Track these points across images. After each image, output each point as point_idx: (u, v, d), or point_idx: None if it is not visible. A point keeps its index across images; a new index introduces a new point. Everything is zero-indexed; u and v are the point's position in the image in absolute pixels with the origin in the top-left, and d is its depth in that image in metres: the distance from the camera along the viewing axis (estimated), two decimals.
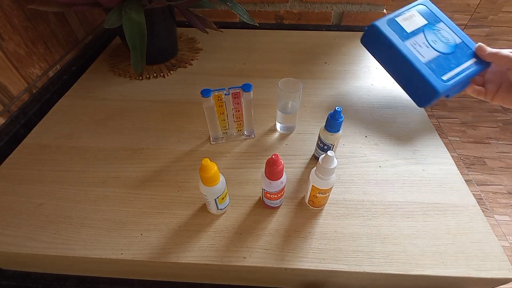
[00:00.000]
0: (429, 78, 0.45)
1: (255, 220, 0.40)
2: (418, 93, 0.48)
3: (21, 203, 0.42)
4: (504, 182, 1.43)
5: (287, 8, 0.83)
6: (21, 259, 0.39)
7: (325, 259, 0.36)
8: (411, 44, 0.48)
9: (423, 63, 0.46)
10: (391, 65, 0.51)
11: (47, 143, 0.50)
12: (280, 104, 0.49)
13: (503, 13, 1.50)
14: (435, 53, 0.48)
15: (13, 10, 0.53)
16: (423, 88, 0.46)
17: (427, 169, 0.47)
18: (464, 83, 0.47)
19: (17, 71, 0.55)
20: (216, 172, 0.34)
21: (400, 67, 0.48)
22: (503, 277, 0.35)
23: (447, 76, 0.46)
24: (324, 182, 0.36)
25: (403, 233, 0.39)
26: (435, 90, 0.44)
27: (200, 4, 0.64)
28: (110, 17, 0.50)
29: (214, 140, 0.50)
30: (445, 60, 0.47)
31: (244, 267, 0.36)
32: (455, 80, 0.45)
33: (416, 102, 0.49)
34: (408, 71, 0.47)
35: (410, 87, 0.49)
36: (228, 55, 0.73)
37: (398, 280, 0.37)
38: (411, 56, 0.46)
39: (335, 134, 0.42)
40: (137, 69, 0.54)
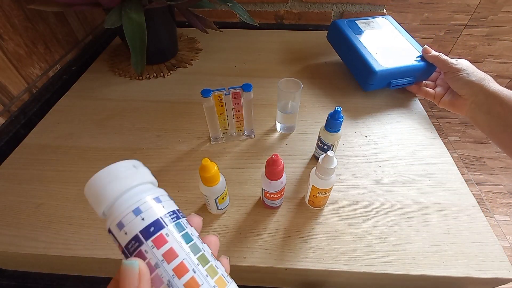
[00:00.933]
0: (370, 61, 0.55)
1: (255, 220, 0.40)
2: (362, 76, 0.58)
3: (21, 203, 0.42)
4: (504, 182, 1.43)
5: (287, 8, 0.83)
6: (21, 259, 0.39)
7: (325, 259, 0.36)
8: (363, 38, 0.60)
9: (368, 51, 0.57)
10: (345, 54, 0.63)
11: (47, 143, 0.50)
12: (280, 104, 0.49)
13: (503, 13, 1.50)
14: (383, 47, 0.59)
15: (13, 10, 0.53)
16: (365, 70, 0.56)
17: (427, 169, 0.47)
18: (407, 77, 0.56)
19: (17, 71, 0.55)
20: (216, 172, 0.34)
21: (352, 55, 0.59)
22: (503, 277, 0.35)
23: (387, 64, 0.55)
24: (324, 182, 0.36)
25: (403, 233, 0.39)
26: (372, 70, 0.54)
27: (200, 4, 0.64)
28: (110, 17, 0.50)
29: (214, 140, 0.50)
30: (391, 53, 0.57)
31: (244, 267, 0.36)
32: (394, 67, 0.55)
33: (361, 84, 0.60)
34: (356, 57, 0.58)
35: (357, 72, 0.60)
36: (228, 55, 0.73)
37: (398, 280, 0.37)
38: (359, 45, 0.58)
39: (335, 134, 0.42)
40: (137, 69, 0.54)
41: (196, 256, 0.18)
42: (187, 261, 0.18)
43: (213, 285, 0.18)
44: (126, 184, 0.19)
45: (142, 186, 0.20)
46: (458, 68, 0.50)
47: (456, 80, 0.50)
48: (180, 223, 0.19)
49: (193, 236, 0.19)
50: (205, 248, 0.20)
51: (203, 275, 0.18)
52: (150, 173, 0.21)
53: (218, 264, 0.19)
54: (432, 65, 0.55)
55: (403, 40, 0.62)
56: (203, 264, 0.18)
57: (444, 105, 0.53)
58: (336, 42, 0.66)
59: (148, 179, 0.21)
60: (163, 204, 0.19)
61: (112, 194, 0.19)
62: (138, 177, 0.20)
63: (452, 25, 1.56)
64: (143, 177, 0.20)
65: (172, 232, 0.18)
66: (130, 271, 0.17)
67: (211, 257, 0.19)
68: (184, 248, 0.18)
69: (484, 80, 0.47)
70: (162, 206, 0.19)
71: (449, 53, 1.68)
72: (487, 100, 0.46)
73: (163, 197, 0.20)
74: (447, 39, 1.62)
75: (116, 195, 0.19)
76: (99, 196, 0.19)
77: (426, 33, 1.60)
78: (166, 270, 0.17)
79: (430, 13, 1.51)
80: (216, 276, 0.18)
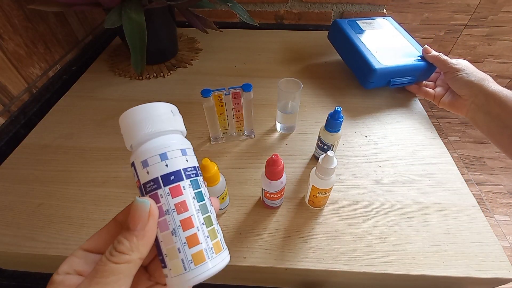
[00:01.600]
0: (370, 59, 0.56)
1: (255, 220, 0.40)
2: (362, 74, 0.58)
3: (21, 203, 0.42)
4: (504, 182, 1.43)
5: (287, 8, 0.83)
6: (21, 259, 0.39)
7: (325, 259, 0.36)
8: (364, 38, 0.60)
9: (369, 49, 0.57)
10: (346, 53, 0.64)
11: (47, 143, 0.50)
12: (280, 104, 0.49)
13: (503, 13, 1.50)
14: (383, 46, 0.59)
15: (13, 10, 0.53)
16: (365, 68, 0.56)
17: (427, 169, 0.47)
18: (407, 76, 0.56)
19: (17, 71, 0.55)
20: (216, 172, 0.34)
21: (352, 53, 0.59)
22: (503, 277, 0.35)
23: (387, 63, 0.55)
24: (324, 182, 0.36)
25: (403, 233, 0.39)
26: (372, 68, 0.54)
27: (200, 4, 0.64)
28: (110, 17, 0.50)
29: (214, 140, 0.50)
30: (391, 52, 0.58)
31: (244, 267, 0.36)
32: (394, 66, 0.55)
33: (361, 82, 0.60)
34: (356, 55, 0.58)
35: (358, 70, 0.60)
36: (228, 55, 0.73)
37: (398, 280, 0.37)
38: (359, 44, 0.58)
39: (335, 134, 0.42)
40: (137, 69, 0.54)
41: (203, 216, 0.19)
42: (195, 217, 0.19)
43: (210, 247, 0.19)
44: (161, 127, 0.19)
45: (174, 134, 0.20)
46: (458, 68, 0.50)
47: (456, 80, 0.50)
48: (197, 181, 0.20)
49: (205, 196, 0.20)
50: (212, 211, 0.20)
51: (204, 235, 0.19)
52: (182, 122, 0.22)
53: (219, 229, 0.20)
54: (432, 65, 0.55)
55: (403, 40, 0.62)
56: (207, 225, 0.19)
57: (444, 106, 0.53)
58: (337, 41, 0.66)
59: (181, 128, 0.21)
60: (187, 158, 0.20)
61: (146, 132, 0.19)
62: (173, 124, 0.20)
63: (452, 25, 1.56)
64: (177, 125, 0.21)
65: (189, 187, 0.19)
66: (142, 207, 0.17)
67: (215, 221, 0.20)
68: (195, 205, 0.19)
69: (483, 81, 0.47)
70: (186, 159, 0.20)
71: (449, 53, 1.68)
72: (487, 101, 0.46)
73: (189, 151, 0.21)
74: (447, 39, 1.62)
75: (149, 135, 0.19)
76: (133, 130, 0.19)
77: (426, 33, 1.60)
78: (174, 219, 0.18)
79: (430, 13, 1.51)
80: (215, 239, 0.19)
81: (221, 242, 0.20)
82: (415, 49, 0.59)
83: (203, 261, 0.18)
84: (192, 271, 0.18)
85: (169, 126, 0.20)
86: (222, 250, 0.20)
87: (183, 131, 0.22)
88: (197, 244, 0.18)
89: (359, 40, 0.59)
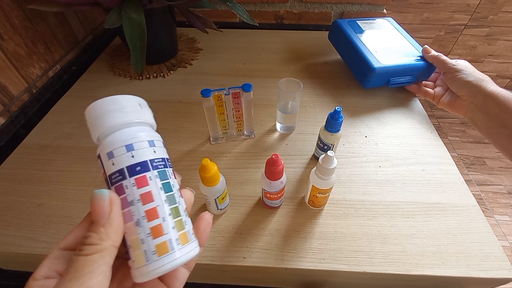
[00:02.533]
0: (369, 58, 0.56)
1: (255, 220, 0.40)
2: (362, 73, 0.58)
3: (21, 203, 0.42)
4: (504, 182, 1.43)
5: (287, 8, 0.83)
6: (21, 259, 0.39)
7: (325, 259, 0.36)
8: (364, 38, 0.61)
9: (368, 49, 0.58)
10: (346, 52, 0.64)
11: (47, 143, 0.50)
12: (280, 104, 0.49)
13: (503, 13, 1.50)
14: (383, 45, 0.59)
15: (13, 10, 0.53)
16: (364, 67, 0.56)
17: (427, 169, 0.47)
18: (406, 75, 0.57)
19: (17, 71, 0.55)
20: (216, 172, 0.34)
21: (352, 53, 0.60)
22: (503, 277, 0.35)
23: (387, 62, 0.56)
24: (324, 182, 0.36)
25: (403, 233, 0.39)
26: (371, 67, 0.55)
27: (200, 4, 0.64)
28: (110, 17, 0.50)
29: (214, 140, 0.50)
30: (391, 52, 0.58)
31: (244, 267, 0.36)
32: (393, 65, 0.55)
33: (360, 81, 0.60)
34: (356, 54, 0.58)
35: (357, 69, 0.60)
36: (228, 55, 0.73)
37: (398, 280, 0.37)
38: (359, 43, 0.59)
39: (335, 134, 0.42)
40: (137, 69, 0.54)
41: (170, 206, 0.19)
42: (160, 208, 0.18)
43: (176, 238, 0.18)
44: (127, 118, 0.19)
45: (142, 126, 0.20)
46: (457, 68, 0.50)
47: (455, 81, 0.50)
48: (165, 172, 0.20)
49: (173, 187, 0.20)
50: (181, 202, 0.20)
51: (170, 226, 0.19)
52: (152, 115, 0.22)
53: (187, 221, 0.20)
54: (432, 65, 0.56)
55: (403, 40, 0.62)
56: (173, 216, 0.19)
57: (443, 106, 0.53)
58: (337, 41, 0.67)
59: (149, 121, 0.21)
60: (155, 149, 0.20)
61: (112, 124, 0.19)
62: (139, 116, 0.20)
63: (452, 25, 1.56)
64: (145, 117, 0.21)
65: (155, 178, 0.19)
66: (101, 197, 0.17)
67: (184, 213, 0.20)
68: (161, 196, 0.19)
69: (482, 81, 0.47)
70: (153, 151, 0.20)
71: (449, 53, 1.68)
72: (485, 101, 0.46)
73: (157, 142, 0.20)
74: (447, 39, 1.62)
75: (115, 126, 0.19)
76: (99, 121, 0.19)
77: (426, 33, 1.60)
78: (139, 210, 0.18)
79: (430, 13, 1.51)
80: (182, 231, 0.19)
81: (189, 233, 0.20)
82: (415, 49, 0.60)
83: (166, 252, 0.18)
84: (155, 262, 0.18)
85: (135, 117, 0.20)
86: (190, 241, 0.19)
87: (152, 124, 0.22)
88: (161, 235, 0.18)
89: (359, 39, 0.60)
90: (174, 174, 0.21)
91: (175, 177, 0.21)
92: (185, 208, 0.21)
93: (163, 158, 0.20)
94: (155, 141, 0.20)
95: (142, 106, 0.21)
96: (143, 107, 0.21)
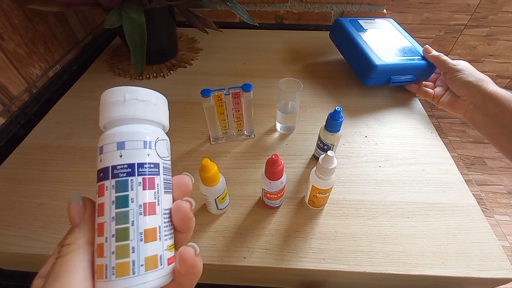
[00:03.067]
0: (370, 55, 0.56)
1: (255, 220, 0.40)
2: (363, 70, 0.58)
3: (21, 203, 0.42)
4: (504, 182, 1.43)
5: (287, 8, 0.83)
6: (21, 259, 0.39)
7: (325, 259, 0.36)
8: (365, 36, 0.61)
9: (370, 47, 0.58)
10: (347, 50, 0.64)
11: (47, 143, 0.50)
12: (280, 104, 0.49)
13: (503, 13, 1.50)
14: (385, 44, 0.60)
15: (13, 10, 0.53)
16: (366, 64, 0.56)
17: (427, 169, 0.47)
18: (407, 74, 0.57)
19: (17, 71, 0.55)
20: (216, 172, 0.34)
21: (353, 50, 0.60)
22: (503, 277, 0.35)
23: (388, 60, 0.56)
24: (324, 182, 0.36)
25: (403, 233, 0.39)
26: (373, 64, 0.55)
27: (200, 4, 0.64)
28: (110, 17, 0.50)
29: (214, 140, 0.50)
30: (392, 50, 0.58)
31: (244, 267, 0.36)
32: (394, 63, 0.56)
33: (361, 79, 0.60)
34: (357, 52, 0.59)
35: (358, 66, 0.60)
36: (228, 55, 0.73)
37: (398, 280, 0.37)
38: (361, 41, 0.59)
39: (335, 134, 0.42)
40: (137, 69, 0.54)
41: (116, 226, 0.16)
42: (107, 226, 0.16)
43: (112, 266, 0.16)
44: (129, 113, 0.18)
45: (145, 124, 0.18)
46: (457, 68, 0.50)
47: (455, 81, 0.50)
48: (126, 182, 0.17)
49: (132, 202, 0.16)
50: (140, 223, 0.16)
51: (110, 250, 0.16)
52: (166, 115, 0.20)
53: (140, 248, 0.16)
54: (432, 65, 0.56)
55: (404, 40, 0.62)
56: (118, 239, 0.16)
57: (443, 106, 0.53)
58: (338, 39, 0.67)
59: (160, 120, 0.19)
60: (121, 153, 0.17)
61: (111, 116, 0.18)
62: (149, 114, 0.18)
63: (452, 25, 1.56)
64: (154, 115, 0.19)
65: (111, 188, 0.17)
66: (75, 203, 0.18)
67: (137, 236, 0.16)
68: (111, 212, 0.16)
69: (482, 81, 0.47)
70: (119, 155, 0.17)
71: (449, 53, 1.68)
72: (485, 101, 0.46)
73: (128, 143, 0.17)
74: (447, 39, 1.62)
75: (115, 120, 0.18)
76: (103, 111, 0.18)
77: (426, 33, 1.60)
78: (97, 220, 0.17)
79: (430, 13, 1.51)
80: (122, 259, 0.16)
81: (134, 265, 0.16)
82: (415, 49, 0.60)
83: (100, 278, 0.16)
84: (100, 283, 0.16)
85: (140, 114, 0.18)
86: (130, 275, 0.16)
87: (164, 125, 0.20)
88: (101, 257, 0.16)
89: (360, 38, 0.60)
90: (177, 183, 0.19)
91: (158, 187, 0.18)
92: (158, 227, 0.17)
93: (130, 164, 0.17)
94: (125, 142, 0.17)
95: (158, 103, 0.19)
96: (158, 104, 0.19)
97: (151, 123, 0.19)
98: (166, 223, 0.18)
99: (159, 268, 0.17)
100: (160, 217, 0.18)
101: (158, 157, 0.18)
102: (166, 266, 0.17)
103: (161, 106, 0.19)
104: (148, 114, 0.18)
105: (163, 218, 0.18)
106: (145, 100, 0.18)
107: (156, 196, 0.18)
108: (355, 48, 0.59)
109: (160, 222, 0.17)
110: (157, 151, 0.18)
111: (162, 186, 0.18)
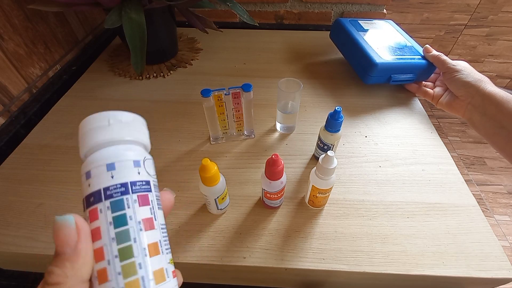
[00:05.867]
0: (371, 53, 0.56)
1: (255, 220, 0.40)
2: (363, 68, 0.58)
3: (21, 203, 0.42)
4: (504, 182, 1.43)
5: (287, 8, 0.83)
6: (21, 259, 0.39)
7: (325, 259, 0.36)
8: (366, 36, 0.61)
9: (370, 45, 0.58)
10: (347, 49, 0.65)
11: (47, 143, 0.50)
12: (280, 104, 0.49)
13: (503, 13, 1.50)
14: (385, 44, 0.60)
15: (13, 10, 0.53)
16: (366, 62, 0.57)
17: (427, 169, 0.47)
18: (407, 73, 0.57)
19: (17, 71, 0.55)
20: (216, 172, 0.34)
21: (354, 49, 0.60)
22: (503, 277, 0.35)
23: (388, 58, 0.56)
24: (324, 182, 0.36)
25: (403, 233, 0.39)
26: (373, 62, 0.55)
27: (200, 4, 0.64)
28: (110, 17, 0.50)
29: (214, 140, 0.50)
30: (392, 50, 0.59)
31: (244, 267, 0.36)
32: (395, 62, 0.56)
33: (361, 77, 0.60)
34: (358, 51, 0.59)
35: (359, 65, 0.60)
36: (228, 55, 0.73)
37: (398, 280, 0.37)
38: (361, 40, 0.60)
39: (335, 134, 0.42)
40: (137, 69, 0.54)
41: (119, 246, 0.16)
42: (107, 248, 0.16)
43: (121, 286, 0.15)
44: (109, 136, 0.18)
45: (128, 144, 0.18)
46: (456, 68, 0.50)
47: (454, 81, 0.50)
48: (122, 201, 0.17)
49: (130, 220, 0.16)
50: (142, 239, 0.16)
51: (115, 271, 0.15)
52: (145, 134, 0.20)
53: (146, 263, 0.16)
54: (432, 65, 0.56)
55: (404, 40, 0.62)
56: (122, 258, 0.16)
57: (442, 106, 0.53)
58: (338, 39, 0.67)
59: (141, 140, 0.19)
60: (112, 174, 0.17)
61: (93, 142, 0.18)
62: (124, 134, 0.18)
63: (452, 25, 1.56)
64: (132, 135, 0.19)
65: (106, 210, 0.16)
66: (66, 225, 0.15)
67: (141, 252, 0.16)
68: (110, 233, 0.16)
69: (481, 82, 0.47)
70: (111, 176, 0.17)
71: (449, 53, 1.68)
72: (483, 102, 0.46)
73: (118, 164, 0.17)
74: (447, 39, 1.62)
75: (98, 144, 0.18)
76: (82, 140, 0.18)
77: (426, 33, 1.60)
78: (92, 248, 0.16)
79: (430, 13, 1.51)
80: (131, 277, 0.15)
81: (143, 281, 0.16)
82: (415, 49, 0.60)
83: None
84: None
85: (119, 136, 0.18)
86: None
87: (145, 144, 0.20)
88: (104, 282, 0.15)
89: (361, 37, 0.61)
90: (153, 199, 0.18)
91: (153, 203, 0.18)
92: (158, 241, 0.17)
93: (123, 184, 0.17)
94: (115, 163, 0.17)
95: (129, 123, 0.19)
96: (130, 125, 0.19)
97: (135, 143, 0.19)
98: (164, 237, 0.18)
99: (167, 281, 0.17)
100: (159, 232, 0.18)
101: (148, 174, 0.18)
102: (172, 278, 0.17)
103: (142, 127, 0.20)
104: (133, 135, 0.19)
105: (162, 233, 0.18)
106: (128, 122, 0.19)
107: (152, 212, 0.18)
108: (356, 46, 0.59)
109: (160, 237, 0.18)
110: (146, 169, 0.18)
111: (155, 202, 0.18)
